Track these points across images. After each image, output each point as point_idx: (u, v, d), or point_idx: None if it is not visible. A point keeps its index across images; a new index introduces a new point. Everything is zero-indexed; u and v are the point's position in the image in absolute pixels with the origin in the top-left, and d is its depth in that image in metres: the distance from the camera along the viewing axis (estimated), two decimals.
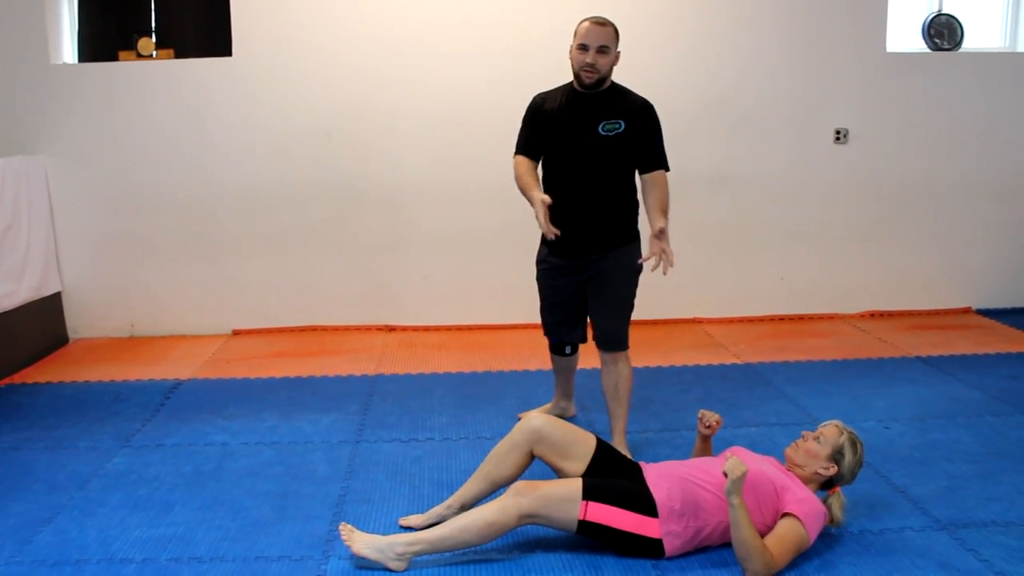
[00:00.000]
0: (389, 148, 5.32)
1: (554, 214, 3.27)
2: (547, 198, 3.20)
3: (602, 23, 3.29)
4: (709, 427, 3.06)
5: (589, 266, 3.45)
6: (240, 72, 5.19)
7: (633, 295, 3.51)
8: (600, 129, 3.32)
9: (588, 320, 3.63)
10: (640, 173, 3.42)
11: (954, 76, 5.56)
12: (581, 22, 3.31)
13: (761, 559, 2.53)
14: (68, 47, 5.31)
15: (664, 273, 3.19)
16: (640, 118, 3.37)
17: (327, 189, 5.34)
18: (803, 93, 5.47)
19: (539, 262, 3.61)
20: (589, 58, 3.26)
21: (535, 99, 3.50)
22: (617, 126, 3.32)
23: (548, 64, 5.19)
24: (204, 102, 5.22)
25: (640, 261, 3.33)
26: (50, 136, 5.18)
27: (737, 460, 2.54)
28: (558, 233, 3.22)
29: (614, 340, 3.48)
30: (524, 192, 3.35)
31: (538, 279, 3.63)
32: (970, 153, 5.65)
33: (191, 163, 5.27)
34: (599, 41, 3.25)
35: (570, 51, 3.34)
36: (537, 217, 3.21)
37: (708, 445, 3.13)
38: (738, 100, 5.43)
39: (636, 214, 3.48)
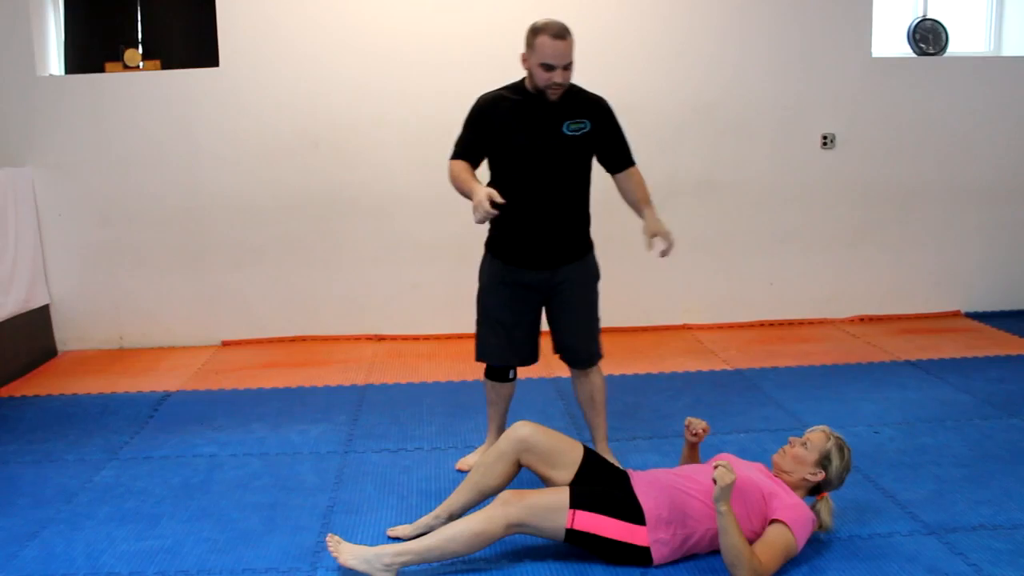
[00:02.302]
0: (377, 157, 5.32)
1: (515, 224, 3.19)
2: (494, 192, 2.97)
3: (562, 35, 3.04)
4: (696, 435, 3.05)
5: (554, 278, 3.29)
6: (227, 83, 5.19)
7: (598, 306, 3.42)
8: (565, 129, 3.16)
9: (539, 337, 3.43)
10: (613, 172, 3.32)
11: (940, 80, 5.59)
12: (537, 34, 3.06)
13: (749, 566, 2.53)
14: (54, 59, 5.30)
15: (664, 255, 3.23)
16: (603, 116, 3.24)
17: (315, 199, 5.33)
18: (790, 98, 5.48)
19: (490, 278, 3.37)
20: (558, 78, 3.07)
21: (480, 101, 3.27)
22: (582, 125, 3.18)
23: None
24: (191, 113, 5.22)
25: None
26: (37, 148, 5.17)
27: (726, 467, 2.54)
28: (503, 202, 2.95)
29: (588, 356, 3.40)
30: (464, 187, 3.12)
31: (485, 297, 3.39)
32: (957, 157, 5.67)
33: (179, 174, 5.26)
34: (565, 59, 3.06)
35: (524, 60, 3.14)
36: (479, 203, 2.94)
37: (695, 452, 3.13)
38: (725, 106, 5.44)
39: (590, 221, 3.36)
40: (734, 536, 2.52)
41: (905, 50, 5.67)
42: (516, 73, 3.23)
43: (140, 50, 5.28)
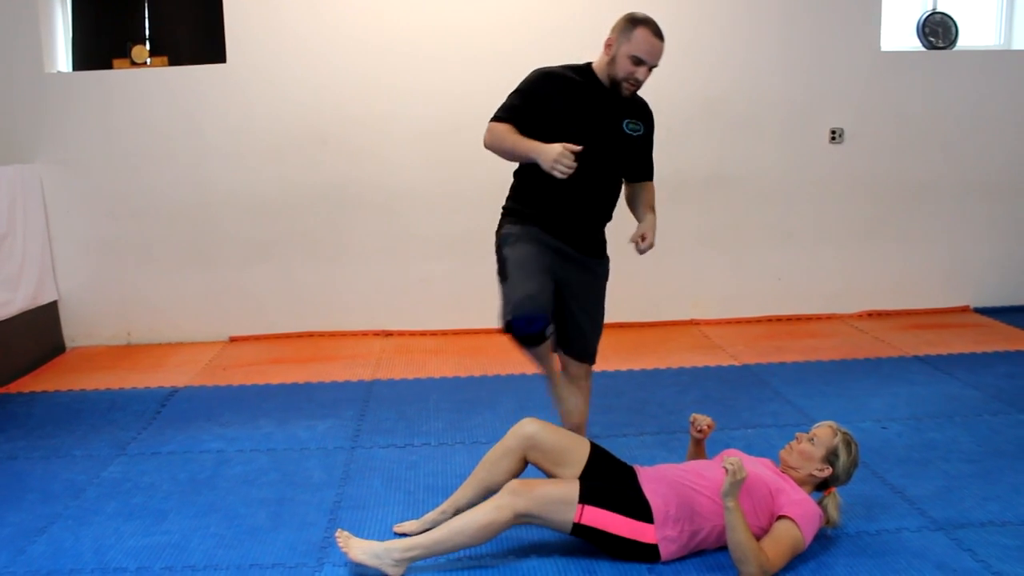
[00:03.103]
0: (384, 152, 5.32)
1: (551, 205, 3.07)
2: (569, 144, 2.83)
3: (662, 35, 3.01)
4: (701, 431, 3.04)
5: (577, 265, 3.16)
6: (234, 79, 5.19)
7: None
8: (625, 127, 3.12)
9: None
10: (632, 180, 3.26)
11: (949, 74, 5.56)
12: (637, 24, 2.98)
13: (757, 562, 2.52)
14: (62, 56, 5.32)
15: (641, 252, 3.12)
16: (651, 125, 3.23)
17: (323, 194, 5.34)
18: (798, 93, 5.46)
19: (524, 232, 3.12)
20: (642, 75, 3.01)
21: (541, 75, 3.10)
22: (638, 127, 3.16)
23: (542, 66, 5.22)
24: (199, 109, 5.22)
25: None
26: (45, 144, 5.19)
27: (738, 461, 2.53)
28: (580, 150, 2.82)
29: (592, 352, 3.30)
30: (519, 147, 2.96)
31: (519, 246, 3.08)
32: (966, 151, 5.64)
33: (186, 170, 5.27)
34: (656, 59, 3.02)
35: (609, 45, 3.03)
36: (558, 158, 2.80)
37: (701, 449, 3.12)
38: (734, 101, 5.43)
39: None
40: (741, 532, 2.52)
41: (914, 44, 5.64)
42: (524, 69, 3.18)
43: (147, 47, 5.28)
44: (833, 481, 2.80)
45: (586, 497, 2.66)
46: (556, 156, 2.81)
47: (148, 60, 5.24)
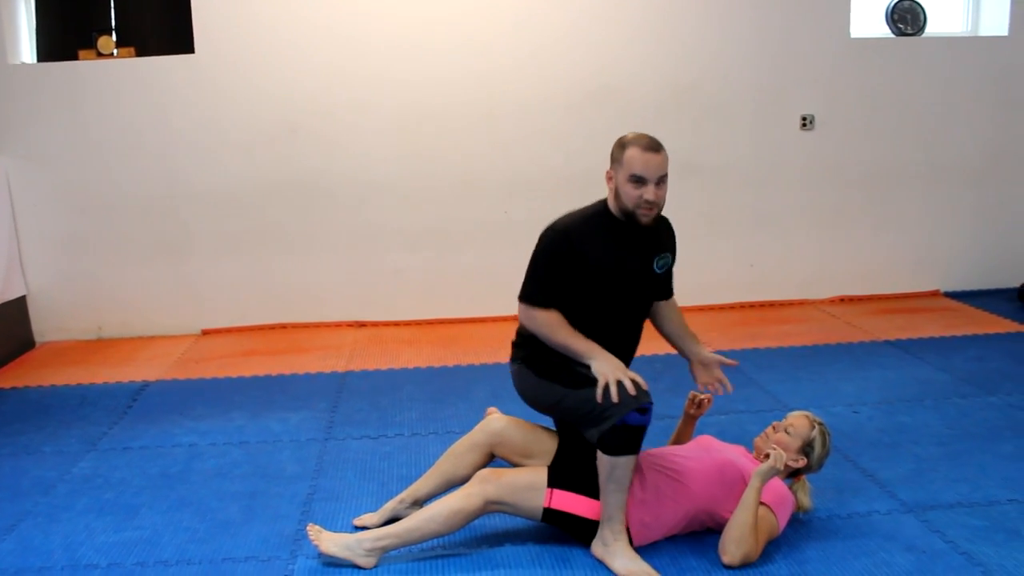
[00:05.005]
0: (356, 143, 5.29)
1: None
2: (639, 377, 2.60)
3: (655, 148, 2.66)
4: (700, 405, 3.05)
5: None
6: (203, 69, 5.13)
7: None
8: (655, 267, 2.86)
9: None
10: (661, 299, 3.05)
11: (918, 61, 5.59)
12: (625, 147, 2.68)
13: (747, 545, 2.55)
14: (26, 47, 5.24)
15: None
16: (675, 247, 3.00)
17: (294, 185, 5.30)
18: (769, 80, 5.48)
19: (556, 359, 2.76)
20: (650, 195, 2.65)
21: (562, 236, 2.73)
22: (667, 260, 2.92)
23: (516, 57, 5.22)
24: (167, 100, 5.16)
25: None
26: (10, 137, 5.11)
27: (780, 455, 2.62)
28: (645, 388, 2.59)
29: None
30: (577, 347, 2.68)
31: (562, 368, 2.74)
32: (935, 137, 5.69)
33: (156, 162, 5.21)
34: (659, 172, 2.65)
35: (609, 178, 2.75)
36: (620, 381, 2.55)
37: (689, 430, 3.13)
38: (704, 88, 5.44)
39: None
40: (750, 514, 2.56)
41: (883, 30, 5.67)
42: (496, 59, 3.16)
43: (114, 37, 5.21)
44: (806, 471, 2.82)
45: (555, 481, 2.67)
46: (615, 379, 2.56)
47: (115, 51, 5.16)
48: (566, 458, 2.81)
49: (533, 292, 2.75)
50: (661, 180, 2.67)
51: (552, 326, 2.71)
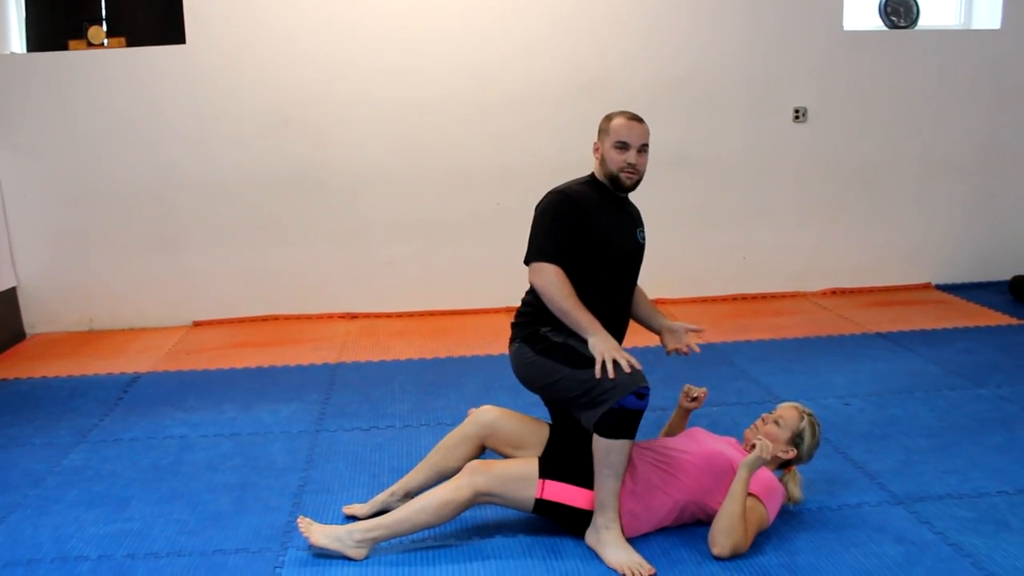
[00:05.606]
0: (348, 134, 5.27)
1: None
2: (633, 359, 2.66)
3: (638, 118, 2.91)
4: (695, 399, 3.06)
5: None
6: (194, 60, 5.11)
7: None
8: (638, 236, 3.02)
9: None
10: (637, 273, 3.11)
11: (911, 53, 5.59)
12: (612, 118, 2.92)
13: (736, 535, 2.55)
14: (16, 37, 5.21)
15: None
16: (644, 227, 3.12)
17: (286, 176, 5.28)
18: (761, 72, 5.48)
19: (559, 336, 2.83)
20: (632, 158, 2.87)
21: (567, 197, 2.88)
22: (644, 234, 3.07)
23: (508, 48, 5.21)
24: (158, 91, 5.14)
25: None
26: (0, 128, 5.08)
27: (767, 445, 2.61)
28: (640, 368, 2.66)
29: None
30: (576, 316, 2.74)
31: (567, 342, 2.80)
32: (928, 130, 5.69)
33: (147, 153, 5.19)
34: (641, 139, 2.88)
35: (596, 149, 2.96)
36: (617, 361, 2.63)
37: (682, 422, 3.13)
38: (697, 80, 5.43)
39: None
40: (738, 504, 2.56)
41: (876, 23, 5.67)
42: (488, 51, 3.16)
43: (104, 27, 5.18)
44: (796, 461, 2.83)
45: (546, 472, 2.67)
46: (611, 357, 2.62)
47: (105, 41, 5.14)
48: (557, 448, 2.81)
49: (543, 246, 2.83)
50: (643, 148, 2.91)
51: (561, 285, 2.78)
